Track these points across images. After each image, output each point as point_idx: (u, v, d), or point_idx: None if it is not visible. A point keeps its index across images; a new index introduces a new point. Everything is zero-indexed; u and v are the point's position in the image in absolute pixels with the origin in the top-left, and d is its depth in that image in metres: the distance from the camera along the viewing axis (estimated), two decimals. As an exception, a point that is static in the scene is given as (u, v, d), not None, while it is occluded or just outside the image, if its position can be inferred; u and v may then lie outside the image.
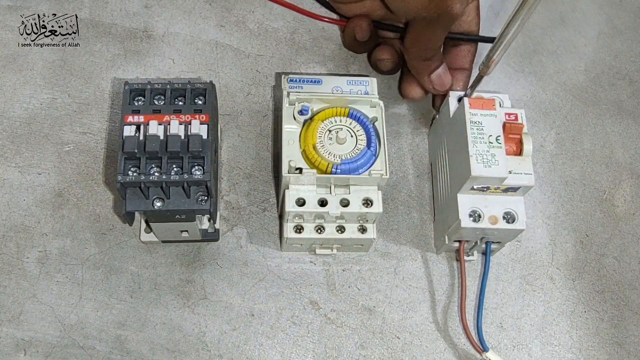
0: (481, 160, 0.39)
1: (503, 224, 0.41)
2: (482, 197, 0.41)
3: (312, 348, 0.43)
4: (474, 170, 0.39)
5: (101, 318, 0.42)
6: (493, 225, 0.41)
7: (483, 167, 0.39)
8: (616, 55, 0.56)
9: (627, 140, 0.52)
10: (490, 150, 0.40)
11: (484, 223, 0.41)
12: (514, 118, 0.41)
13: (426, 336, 0.44)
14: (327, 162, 0.40)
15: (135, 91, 0.39)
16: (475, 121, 0.41)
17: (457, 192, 0.41)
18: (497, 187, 0.40)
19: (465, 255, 0.45)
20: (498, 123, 0.41)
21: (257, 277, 0.45)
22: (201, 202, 0.38)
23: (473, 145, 0.40)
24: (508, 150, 0.40)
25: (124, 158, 0.37)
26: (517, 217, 0.41)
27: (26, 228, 0.44)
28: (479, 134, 0.40)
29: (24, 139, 0.47)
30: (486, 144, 0.40)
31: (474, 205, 0.41)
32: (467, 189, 0.41)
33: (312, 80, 0.44)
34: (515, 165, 0.40)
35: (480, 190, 0.41)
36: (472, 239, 0.43)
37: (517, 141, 0.41)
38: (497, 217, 0.41)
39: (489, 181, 0.40)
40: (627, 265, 0.48)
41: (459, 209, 0.41)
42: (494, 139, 0.40)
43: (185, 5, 0.53)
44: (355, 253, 0.46)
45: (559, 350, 0.45)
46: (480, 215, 0.41)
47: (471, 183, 0.40)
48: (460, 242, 0.43)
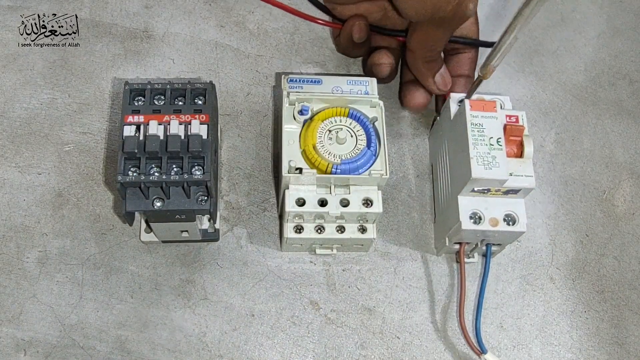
0: (482, 162, 0.39)
1: (504, 226, 0.41)
2: (483, 199, 0.41)
3: (312, 348, 0.43)
4: (474, 173, 0.39)
5: (101, 318, 0.42)
6: (494, 227, 0.41)
7: (484, 169, 0.39)
8: (616, 55, 0.56)
9: (627, 140, 0.52)
10: (491, 152, 0.40)
11: (484, 225, 0.41)
12: (515, 120, 0.41)
13: (426, 336, 0.44)
14: (327, 162, 0.40)
15: (135, 91, 0.39)
16: (476, 123, 0.40)
17: (458, 194, 0.41)
18: (498, 189, 0.40)
19: (466, 257, 0.44)
20: (499, 125, 0.41)
21: (257, 277, 0.45)
22: (201, 202, 0.38)
23: (474, 147, 0.40)
24: (509, 152, 0.40)
25: (124, 158, 0.37)
26: (517, 220, 0.41)
27: (26, 228, 0.44)
28: (480, 136, 0.40)
29: (24, 139, 0.47)
30: (487, 146, 0.40)
31: (474, 207, 0.41)
32: (468, 191, 0.41)
33: (312, 80, 0.44)
34: (516, 168, 0.40)
35: (480, 193, 0.41)
36: (473, 241, 0.43)
37: (518, 143, 0.41)
38: (498, 219, 0.41)
39: (489, 183, 0.40)
40: (627, 265, 0.48)
41: (460, 211, 0.41)
42: (494, 141, 0.40)
43: (185, 6, 0.53)
44: (355, 253, 0.46)
45: (559, 350, 0.45)
46: (481, 217, 0.41)
47: (472, 185, 0.40)
48: (461, 244, 0.43)
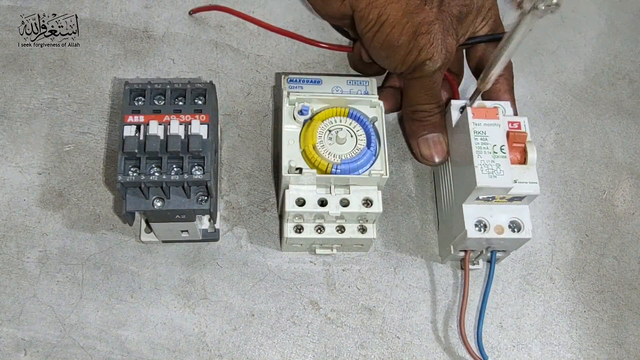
0: (486, 170, 0.39)
1: (509, 233, 0.40)
2: (488, 207, 0.41)
3: (312, 348, 0.43)
4: (479, 181, 0.39)
5: (101, 318, 0.42)
6: (499, 235, 0.40)
7: (488, 177, 0.39)
8: (616, 55, 0.56)
9: (626, 140, 0.52)
10: (495, 160, 0.39)
11: (490, 233, 0.40)
12: (517, 126, 0.41)
13: (426, 336, 0.44)
14: (327, 162, 0.40)
15: (135, 91, 0.39)
16: (479, 131, 0.40)
17: (463, 203, 0.41)
18: (503, 197, 0.40)
19: (471, 264, 0.44)
20: (502, 132, 0.40)
21: (257, 277, 0.45)
22: (201, 202, 0.38)
23: (478, 155, 0.39)
24: (512, 159, 0.40)
25: (124, 158, 0.37)
26: (523, 226, 0.41)
27: (26, 228, 0.44)
28: (483, 144, 0.40)
29: (24, 139, 0.47)
30: (491, 154, 0.39)
31: (479, 215, 0.41)
32: (473, 199, 0.40)
33: (312, 80, 0.44)
34: (520, 174, 0.40)
35: (485, 200, 0.41)
36: (478, 248, 0.43)
37: (521, 150, 0.40)
38: (503, 226, 0.41)
39: (494, 191, 0.40)
40: (627, 265, 0.48)
41: (465, 220, 0.41)
42: (498, 149, 0.40)
43: (185, 6, 0.53)
44: (355, 253, 0.46)
45: (558, 350, 0.45)
46: (486, 225, 0.41)
47: (477, 194, 0.40)
48: (466, 251, 0.43)
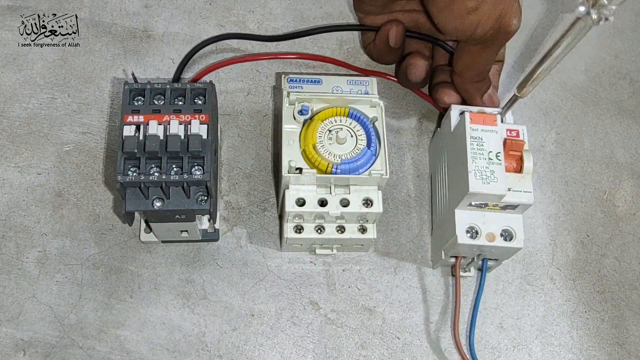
0: (480, 176, 0.39)
1: (500, 242, 0.40)
2: (480, 214, 0.41)
3: (312, 348, 0.43)
4: (472, 187, 0.38)
5: (101, 318, 0.42)
6: (490, 242, 0.40)
7: (482, 183, 0.39)
8: (616, 55, 0.56)
9: (627, 140, 0.52)
10: (490, 167, 0.39)
11: (481, 240, 0.40)
12: (516, 134, 0.41)
13: (426, 336, 0.44)
14: (327, 162, 0.40)
15: (135, 91, 0.39)
16: (476, 136, 0.40)
17: (455, 208, 0.41)
18: (496, 204, 0.40)
19: (462, 271, 0.44)
20: (499, 139, 0.40)
21: (257, 277, 0.45)
22: (201, 202, 0.38)
23: (472, 160, 0.39)
24: (508, 167, 0.40)
25: (124, 158, 0.37)
26: (515, 235, 0.40)
27: (26, 228, 0.44)
28: (479, 149, 0.40)
29: (23, 139, 0.47)
30: (486, 160, 0.39)
31: (471, 221, 0.41)
32: (465, 204, 0.40)
33: (312, 80, 0.44)
34: (515, 183, 0.40)
35: (478, 207, 0.40)
36: (469, 255, 0.43)
37: (518, 158, 0.40)
38: (495, 234, 0.40)
39: (487, 198, 0.39)
40: (628, 265, 0.48)
41: (456, 225, 0.40)
42: (493, 155, 0.39)
43: (185, 5, 0.53)
44: (355, 253, 0.46)
45: (559, 350, 0.44)
46: (478, 231, 0.40)
47: (469, 199, 0.39)
48: (457, 257, 0.43)
